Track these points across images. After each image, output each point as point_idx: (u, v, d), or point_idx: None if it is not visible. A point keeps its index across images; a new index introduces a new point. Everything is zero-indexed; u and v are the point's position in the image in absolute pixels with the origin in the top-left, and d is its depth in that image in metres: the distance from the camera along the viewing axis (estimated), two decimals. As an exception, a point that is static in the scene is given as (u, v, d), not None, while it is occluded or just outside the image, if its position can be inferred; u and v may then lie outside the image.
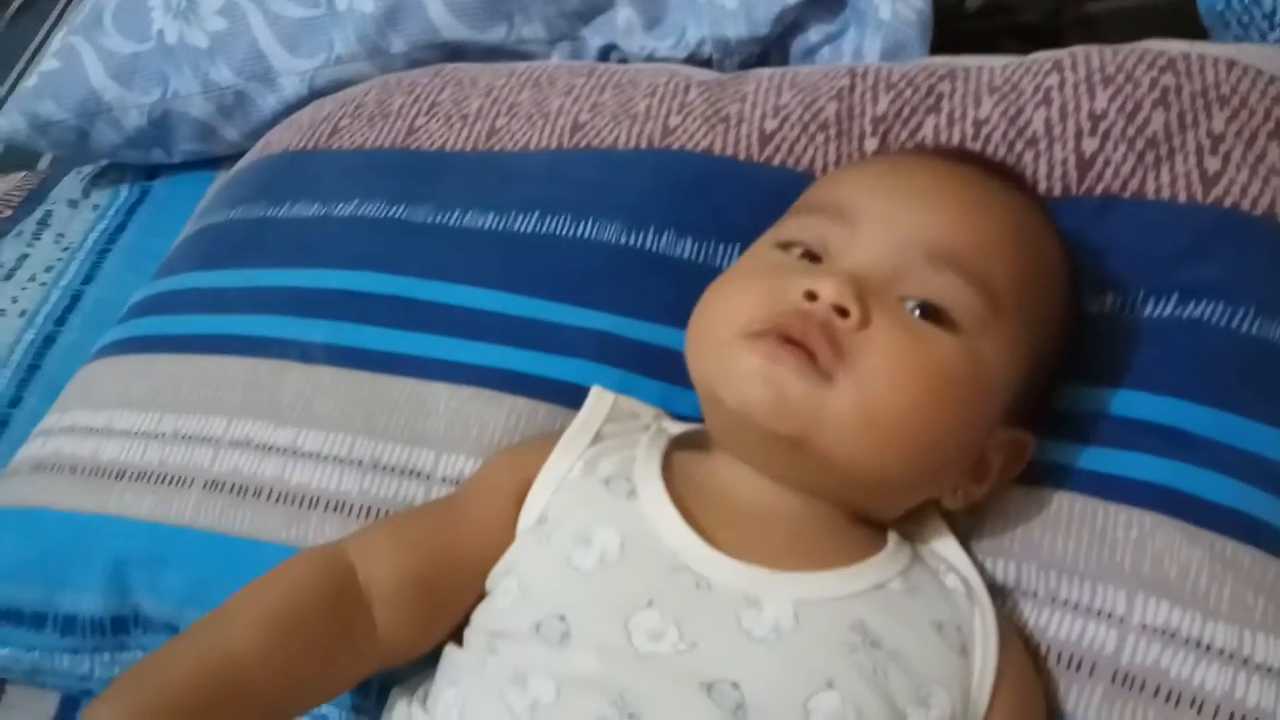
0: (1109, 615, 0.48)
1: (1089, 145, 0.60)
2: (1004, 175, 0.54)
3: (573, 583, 0.45)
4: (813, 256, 0.49)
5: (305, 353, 0.62)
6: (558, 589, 0.45)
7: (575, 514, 0.48)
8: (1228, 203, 0.56)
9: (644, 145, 0.67)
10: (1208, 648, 0.45)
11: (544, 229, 0.65)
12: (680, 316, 0.51)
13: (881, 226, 0.48)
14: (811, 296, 0.45)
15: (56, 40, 0.93)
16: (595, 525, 0.46)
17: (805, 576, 0.45)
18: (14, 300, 0.89)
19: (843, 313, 0.45)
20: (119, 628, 0.59)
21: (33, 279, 0.91)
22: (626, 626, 0.43)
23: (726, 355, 0.46)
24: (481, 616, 0.48)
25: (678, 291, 0.52)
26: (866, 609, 0.44)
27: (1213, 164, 0.57)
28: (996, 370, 0.47)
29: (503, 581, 0.47)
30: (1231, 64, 0.61)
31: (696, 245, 0.63)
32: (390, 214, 0.68)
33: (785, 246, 0.50)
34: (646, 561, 0.45)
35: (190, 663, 0.44)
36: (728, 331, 0.47)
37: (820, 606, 0.44)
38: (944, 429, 0.46)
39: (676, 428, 0.54)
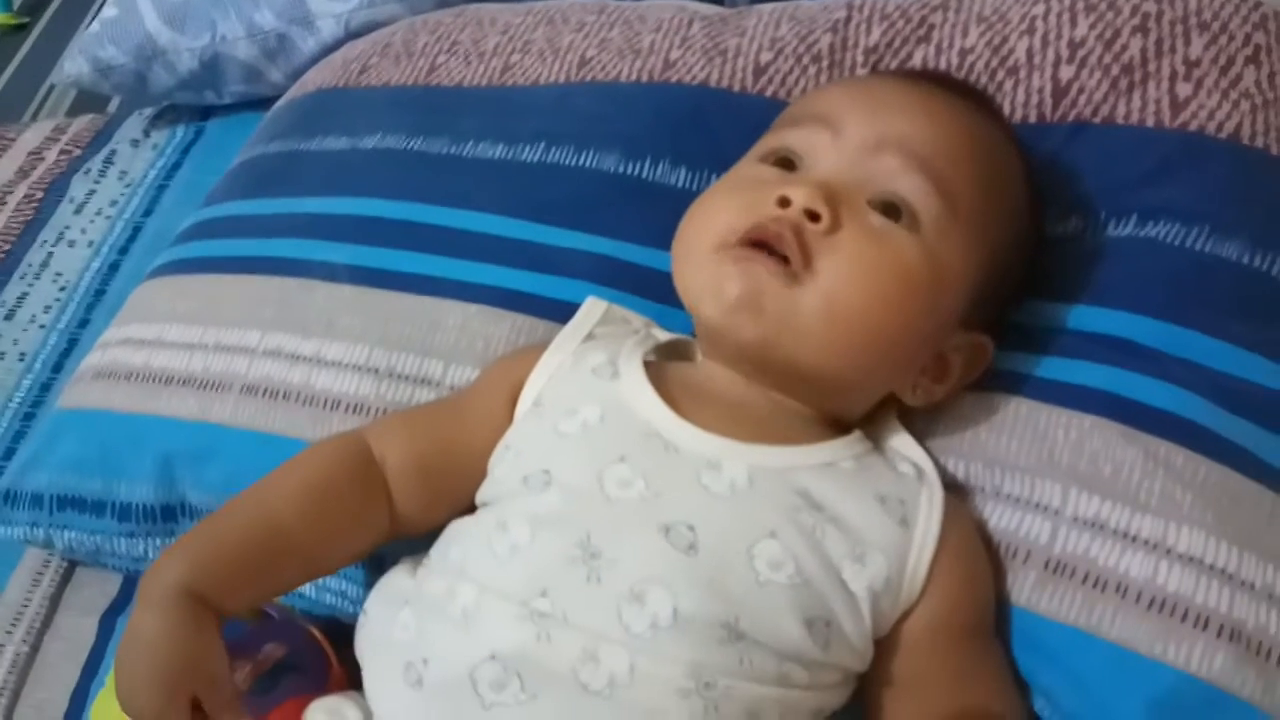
0: (1045, 508, 0.51)
1: (1066, 73, 0.62)
2: (972, 96, 0.57)
3: (557, 444, 0.51)
4: (788, 166, 0.53)
5: (330, 272, 0.68)
6: (544, 450, 0.51)
7: (564, 395, 0.53)
8: (1193, 126, 0.58)
9: (645, 79, 0.71)
10: (1134, 538, 0.49)
11: (549, 159, 0.69)
12: (672, 242, 0.55)
13: (854, 132, 0.51)
14: (785, 203, 0.49)
15: (116, -11, 0.99)
16: (580, 401, 0.52)
17: (762, 448, 0.49)
18: (83, 232, 0.97)
19: (814, 217, 0.49)
20: (168, 515, 0.66)
21: (99, 213, 0.99)
22: (600, 476, 0.48)
23: (705, 266, 0.51)
24: (485, 490, 0.53)
25: (672, 218, 0.56)
26: (813, 479, 0.49)
27: (1184, 89, 0.59)
28: (954, 271, 0.50)
29: (503, 456, 0.53)
30: (1216, -11, 0.62)
31: (690, 174, 0.67)
32: (410, 146, 0.73)
33: (764, 158, 0.54)
34: (622, 428, 0.50)
35: (242, 524, 0.52)
36: (708, 243, 0.51)
37: (772, 473, 0.49)
38: (903, 324, 0.49)
39: (665, 335, 0.59)
